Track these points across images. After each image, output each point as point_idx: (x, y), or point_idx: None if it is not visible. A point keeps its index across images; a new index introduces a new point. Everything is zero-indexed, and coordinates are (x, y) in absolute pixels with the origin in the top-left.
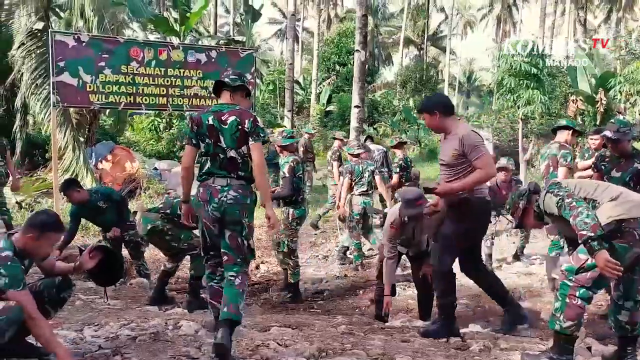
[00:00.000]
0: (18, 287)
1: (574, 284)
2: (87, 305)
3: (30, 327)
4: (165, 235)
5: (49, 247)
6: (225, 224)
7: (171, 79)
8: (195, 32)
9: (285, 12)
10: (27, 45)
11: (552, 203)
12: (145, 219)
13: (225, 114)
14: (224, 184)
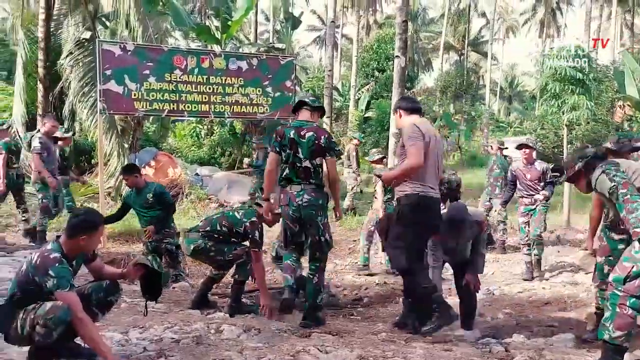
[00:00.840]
0: (65, 288)
1: (623, 294)
2: (132, 308)
3: (76, 327)
4: (209, 252)
5: (92, 246)
6: (303, 223)
7: (213, 87)
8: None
9: (324, 20)
10: (75, 54)
11: (605, 185)
12: (187, 240)
13: (304, 130)
14: (299, 190)
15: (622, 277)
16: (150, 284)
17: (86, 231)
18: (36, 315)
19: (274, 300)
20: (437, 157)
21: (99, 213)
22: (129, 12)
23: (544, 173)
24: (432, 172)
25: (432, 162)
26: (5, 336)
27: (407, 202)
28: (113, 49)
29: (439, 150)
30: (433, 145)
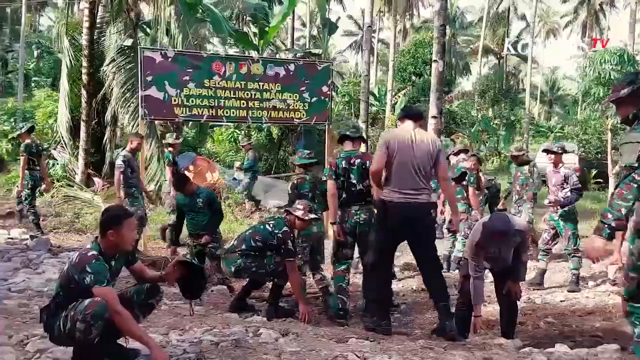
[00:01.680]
0: (102, 284)
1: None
2: (172, 310)
3: (117, 323)
4: (251, 269)
5: (129, 239)
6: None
7: (251, 92)
8: (272, 45)
9: (360, 24)
10: (118, 61)
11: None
12: (227, 262)
13: (353, 158)
14: (356, 209)
15: (635, 289)
16: (191, 283)
17: (112, 226)
18: (75, 312)
19: (310, 305)
20: (413, 163)
21: (124, 207)
22: (170, 19)
23: (566, 179)
24: (402, 177)
25: (402, 168)
26: (50, 336)
27: (377, 205)
28: (154, 55)
29: (420, 154)
30: (404, 152)
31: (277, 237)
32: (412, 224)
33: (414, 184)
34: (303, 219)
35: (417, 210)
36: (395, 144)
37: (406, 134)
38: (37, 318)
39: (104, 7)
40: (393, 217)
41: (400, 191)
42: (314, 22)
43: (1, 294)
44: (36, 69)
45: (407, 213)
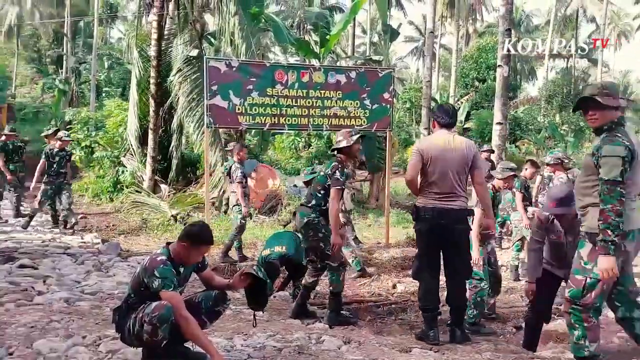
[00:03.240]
0: (169, 288)
1: (583, 309)
2: (236, 315)
3: (181, 326)
4: (319, 232)
5: (199, 256)
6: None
7: (312, 100)
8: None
9: (422, 30)
10: (184, 71)
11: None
12: (301, 212)
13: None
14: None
15: (580, 292)
16: (256, 294)
17: (188, 240)
18: (143, 314)
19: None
20: (448, 169)
21: (210, 233)
22: (234, 29)
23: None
24: (437, 183)
25: (437, 174)
26: (121, 336)
27: (413, 212)
28: (219, 65)
29: (456, 160)
30: (438, 159)
31: (328, 174)
32: (446, 230)
33: (449, 189)
34: (348, 145)
35: (451, 216)
36: (430, 151)
37: (441, 140)
38: (108, 320)
39: (171, 19)
40: (428, 223)
41: (435, 197)
42: (375, 28)
43: (75, 296)
44: (107, 80)
45: (442, 219)
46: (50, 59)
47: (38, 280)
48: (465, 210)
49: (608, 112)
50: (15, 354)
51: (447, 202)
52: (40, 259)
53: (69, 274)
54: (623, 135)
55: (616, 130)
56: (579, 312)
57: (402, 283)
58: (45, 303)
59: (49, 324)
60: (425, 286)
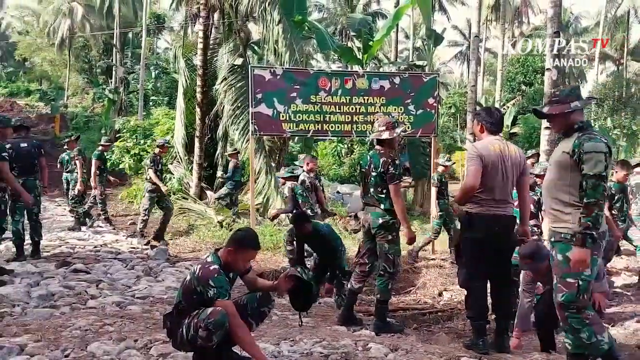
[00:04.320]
0: (225, 297)
1: (579, 311)
2: (282, 320)
3: (233, 333)
4: (391, 233)
5: (246, 261)
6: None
7: (356, 107)
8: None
9: (466, 34)
10: (229, 79)
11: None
12: (374, 213)
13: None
14: None
15: (574, 295)
16: (300, 296)
17: (235, 246)
18: (198, 320)
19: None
20: (503, 175)
21: (255, 239)
22: (278, 38)
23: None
24: (492, 189)
25: (493, 180)
26: (172, 341)
27: (465, 219)
28: (264, 73)
29: (510, 166)
30: (497, 165)
31: (381, 173)
32: (499, 238)
33: (503, 196)
34: (390, 138)
35: (505, 223)
36: (489, 157)
37: (497, 146)
38: (159, 324)
39: (216, 29)
40: (484, 231)
41: (492, 204)
42: (418, 34)
43: (126, 300)
44: (154, 89)
45: (497, 226)
46: (100, 70)
47: (91, 285)
48: (515, 218)
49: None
50: (71, 356)
51: (502, 209)
52: (93, 263)
53: (120, 278)
54: (599, 134)
55: (588, 129)
56: (577, 315)
57: (448, 291)
58: (98, 307)
59: (102, 327)
60: (475, 295)
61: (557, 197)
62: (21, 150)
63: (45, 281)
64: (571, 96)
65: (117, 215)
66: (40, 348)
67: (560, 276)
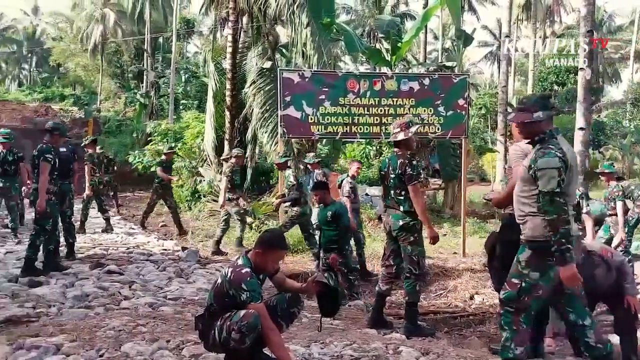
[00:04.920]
0: (257, 300)
1: (515, 311)
2: (312, 323)
3: (265, 337)
4: (412, 234)
5: (275, 262)
6: None
7: (384, 108)
8: (404, 60)
9: (496, 35)
10: (257, 83)
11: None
12: (394, 215)
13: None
14: None
15: (515, 294)
16: (327, 301)
17: (263, 247)
18: (231, 322)
19: (448, 324)
20: None
21: (282, 239)
22: (306, 40)
23: None
24: None
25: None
26: (204, 343)
27: (508, 222)
28: (292, 76)
29: None
30: None
31: (399, 175)
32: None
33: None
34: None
35: None
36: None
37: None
38: (190, 325)
39: (245, 33)
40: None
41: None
42: (447, 34)
43: (159, 301)
44: (184, 93)
45: None
46: (131, 74)
47: (124, 286)
48: None
49: (531, 125)
50: (105, 356)
51: None
52: (126, 265)
53: (152, 279)
54: (555, 146)
55: (549, 142)
56: (510, 315)
57: (479, 294)
58: (131, 307)
59: (135, 328)
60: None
61: (519, 207)
62: (61, 156)
63: (80, 282)
64: (536, 106)
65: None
66: (75, 348)
67: (510, 275)
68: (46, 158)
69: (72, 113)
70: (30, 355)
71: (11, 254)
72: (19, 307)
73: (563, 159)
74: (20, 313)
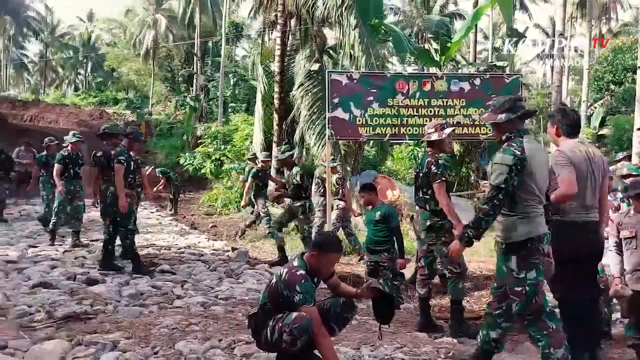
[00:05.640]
0: (310, 303)
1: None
2: (362, 325)
3: (315, 339)
4: (443, 235)
5: (330, 266)
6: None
7: (434, 109)
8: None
9: (549, 33)
10: (305, 85)
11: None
12: (422, 215)
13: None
14: None
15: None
16: (383, 308)
17: (318, 250)
18: (283, 324)
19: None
20: (591, 179)
21: (337, 242)
22: (354, 42)
23: None
24: (583, 195)
25: (583, 186)
26: (257, 342)
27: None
28: (340, 78)
29: (596, 171)
30: (584, 169)
31: (425, 173)
32: (589, 244)
33: (593, 201)
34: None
35: (594, 229)
36: (577, 162)
37: (581, 149)
38: (241, 324)
39: (292, 35)
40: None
41: (579, 210)
42: (497, 33)
43: (210, 301)
44: (232, 96)
45: (588, 233)
46: (182, 78)
47: (177, 285)
48: (599, 223)
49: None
50: (160, 353)
51: (592, 216)
52: (178, 265)
53: (204, 279)
54: (517, 145)
55: (513, 140)
56: (534, 323)
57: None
58: (184, 306)
59: (188, 327)
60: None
61: None
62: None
63: (134, 281)
64: (503, 107)
65: (198, 216)
66: (131, 345)
67: (509, 286)
68: (119, 160)
69: (125, 116)
70: (88, 351)
71: (70, 252)
72: (78, 304)
73: (520, 157)
74: (79, 310)
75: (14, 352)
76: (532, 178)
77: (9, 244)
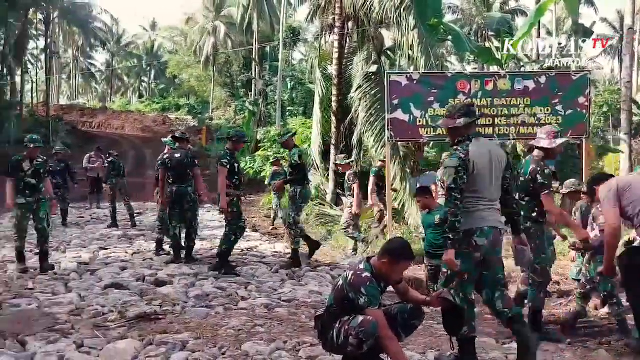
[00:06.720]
0: (375, 306)
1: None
2: (427, 329)
3: (382, 343)
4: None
5: (401, 272)
6: None
7: (497, 109)
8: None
9: (616, 27)
10: (363, 87)
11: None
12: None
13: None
14: None
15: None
16: (452, 319)
17: (389, 256)
18: (349, 327)
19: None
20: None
21: (409, 249)
22: (413, 42)
23: None
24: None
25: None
26: (323, 343)
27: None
28: (400, 79)
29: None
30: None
31: (529, 180)
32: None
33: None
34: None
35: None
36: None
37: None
38: (305, 327)
39: (350, 38)
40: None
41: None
42: (561, 29)
43: (274, 303)
44: (290, 100)
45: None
46: (241, 83)
47: (241, 287)
48: None
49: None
50: (227, 354)
51: None
52: (241, 267)
53: (267, 281)
54: (462, 149)
55: (461, 144)
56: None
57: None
58: (248, 308)
59: (253, 328)
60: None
61: None
62: (175, 160)
63: (200, 282)
64: (459, 113)
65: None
66: (200, 345)
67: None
68: (222, 163)
69: (186, 122)
70: (160, 351)
71: (138, 254)
72: (147, 304)
73: (464, 159)
74: (149, 310)
75: (89, 350)
76: (474, 178)
77: (82, 247)
